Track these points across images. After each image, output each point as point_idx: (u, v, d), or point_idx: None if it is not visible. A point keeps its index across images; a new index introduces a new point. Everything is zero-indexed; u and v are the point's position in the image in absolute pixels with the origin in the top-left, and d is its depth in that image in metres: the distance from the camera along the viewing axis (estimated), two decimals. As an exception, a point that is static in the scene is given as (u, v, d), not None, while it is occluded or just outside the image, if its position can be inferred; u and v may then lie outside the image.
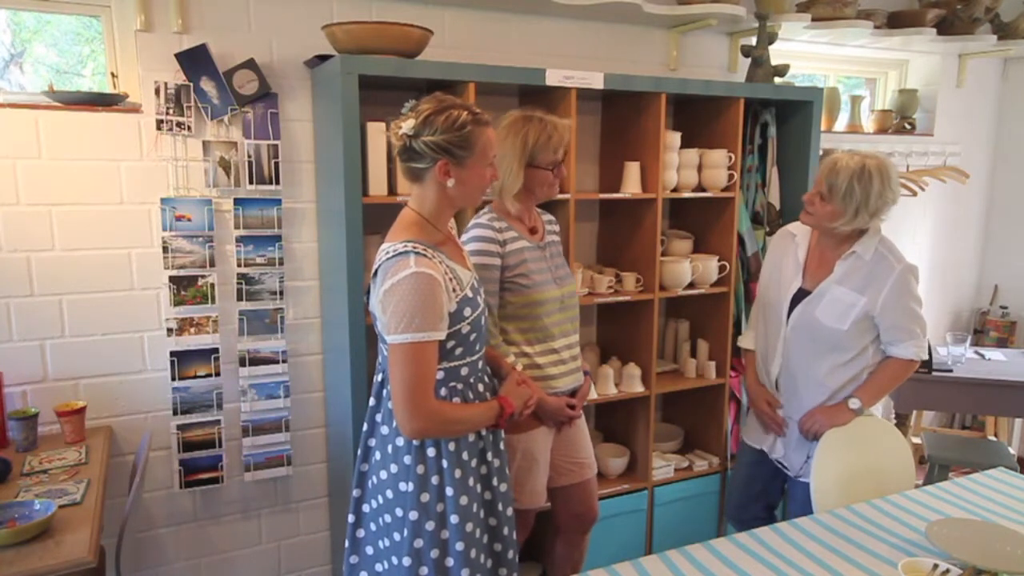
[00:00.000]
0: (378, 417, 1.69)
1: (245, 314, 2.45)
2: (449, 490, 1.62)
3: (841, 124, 3.73)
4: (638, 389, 2.78)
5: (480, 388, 1.72)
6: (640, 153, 2.73)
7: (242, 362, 2.46)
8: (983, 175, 4.22)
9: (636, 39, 3.01)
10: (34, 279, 2.23)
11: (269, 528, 2.67)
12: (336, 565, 2.73)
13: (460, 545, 1.61)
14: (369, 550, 1.72)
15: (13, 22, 2.31)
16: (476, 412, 1.65)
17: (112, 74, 2.32)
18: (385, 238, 1.63)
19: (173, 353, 2.36)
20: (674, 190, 2.80)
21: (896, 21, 3.39)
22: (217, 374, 2.44)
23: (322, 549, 2.77)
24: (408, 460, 1.61)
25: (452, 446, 1.62)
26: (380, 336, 1.61)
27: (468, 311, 1.61)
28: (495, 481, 1.74)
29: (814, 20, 3.05)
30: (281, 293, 2.49)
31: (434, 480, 1.61)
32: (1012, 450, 3.13)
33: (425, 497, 1.60)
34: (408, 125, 1.56)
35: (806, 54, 3.57)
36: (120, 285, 2.34)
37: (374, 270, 1.59)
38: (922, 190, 3.67)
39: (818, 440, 2.09)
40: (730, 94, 2.77)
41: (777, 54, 3.08)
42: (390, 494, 1.64)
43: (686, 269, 2.80)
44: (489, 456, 1.73)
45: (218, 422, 2.46)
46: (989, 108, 4.16)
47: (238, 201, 2.39)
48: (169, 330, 2.36)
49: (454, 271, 1.60)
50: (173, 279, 2.34)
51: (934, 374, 3.16)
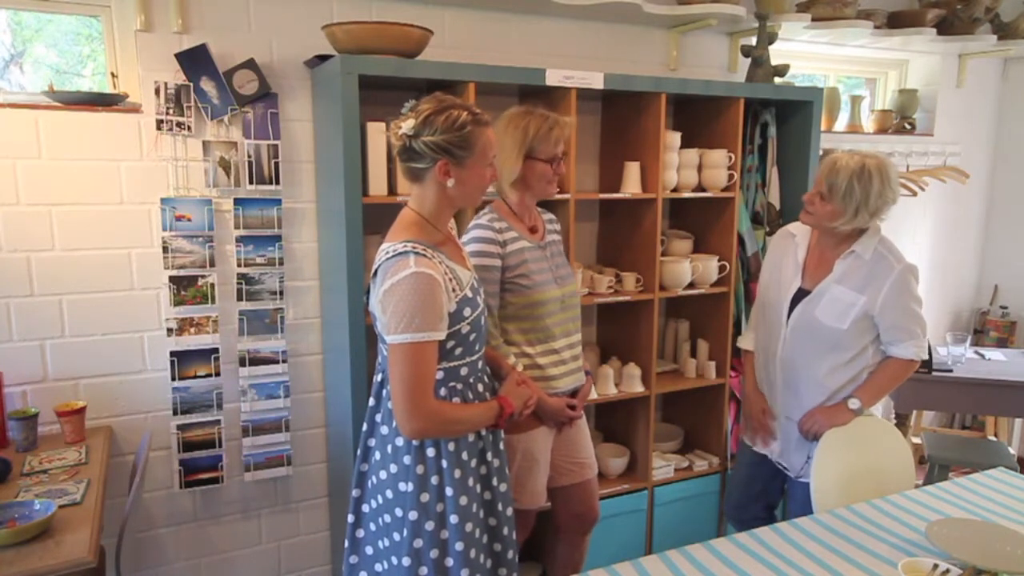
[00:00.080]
0: (378, 417, 1.69)
1: (245, 314, 2.45)
2: (449, 490, 1.62)
3: (841, 124, 3.73)
4: (638, 389, 2.78)
5: (480, 388, 1.72)
6: (640, 153, 2.73)
7: (242, 362, 2.46)
8: (983, 175, 4.22)
9: (636, 39, 3.01)
10: (34, 279, 2.23)
11: (269, 528, 2.67)
12: (336, 565, 2.73)
13: (460, 545, 1.61)
14: (369, 550, 1.72)
15: (13, 22, 2.31)
16: (476, 412, 1.65)
17: (112, 74, 2.32)
18: (385, 238, 1.63)
19: (173, 353, 2.37)
20: (674, 190, 2.80)
21: (896, 21, 3.39)
22: (217, 374, 2.44)
23: (322, 549, 2.77)
24: (408, 460, 1.61)
25: (452, 446, 1.62)
26: (380, 336, 1.61)
27: (468, 311, 1.61)
28: (495, 481, 1.74)
29: (814, 20, 3.05)
30: (281, 293, 2.49)
31: (434, 480, 1.61)
32: (1012, 450, 3.13)
33: (425, 497, 1.60)
34: (408, 125, 1.56)
35: (806, 54, 3.57)
36: (120, 285, 2.34)
37: (374, 270, 1.59)
38: (922, 190, 3.67)
39: (818, 440, 2.10)
40: (730, 94, 2.77)
41: (777, 54, 3.08)
42: (390, 494, 1.64)
43: (686, 269, 2.80)
44: (489, 456, 1.73)
45: (218, 422, 2.46)
46: (989, 108, 4.16)
47: (238, 201, 2.39)
48: (169, 330, 2.36)
49: (454, 271, 1.60)
50: (173, 279, 2.34)
51: (934, 374, 3.16)
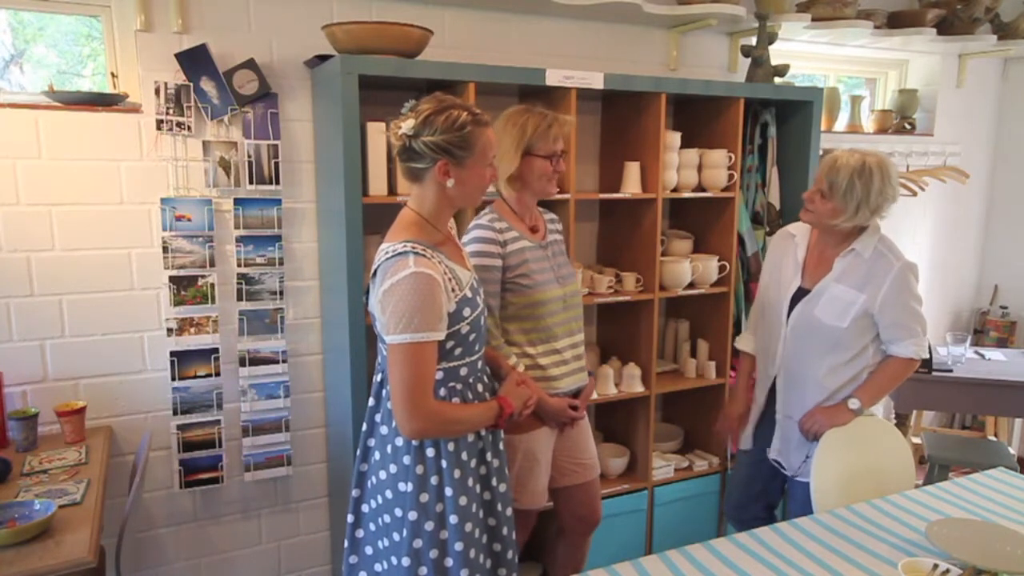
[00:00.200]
0: (377, 417, 1.69)
1: (245, 314, 2.45)
2: (448, 490, 1.62)
3: (841, 124, 3.73)
4: (638, 389, 2.78)
5: (479, 388, 1.72)
6: (640, 153, 2.73)
7: (242, 362, 2.46)
8: (983, 175, 4.22)
9: (636, 39, 3.01)
10: (34, 279, 2.23)
11: (269, 528, 2.67)
12: (336, 565, 2.73)
13: (459, 545, 1.61)
14: (368, 550, 1.72)
15: (14, 21, 2.31)
16: (475, 412, 1.65)
17: (112, 74, 2.32)
18: (385, 238, 1.63)
19: (173, 353, 2.37)
20: (674, 190, 2.80)
21: (896, 21, 3.39)
22: (217, 374, 2.44)
23: (322, 549, 2.77)
24: (407, 460, 1.61)
25: (451, 446, 1.62)
26: (379, 336, 1.61)
27: (467, 311, 1.61)
28: (494, 481, 1.74)
29: (814, 20, 3.05)
30: (281, 293, 2.49)
31: (433, 480, 1.61)
32: (1012, 450, 3.13)
33: (424, 497, 1.60)
34: (408, 125, 1.56)
35: (806, 54, 3.57)
36: (120, 285, 2.34)
37: (373, 270, 1.59)
38: (922, 190, 3.67)
39: (818, 440, 2.09)
40: (730, 94, 2.77)
41: (777, 54, 3.08)
42: (389, 494, 1.64)
43: (686, 269, 2.80)
44: (488, 456, 1.73)
45: (218, 422, 2.46)
46: (989, 108, 4.16)
47: (238, 201, 2.39)
48: (169, 330, 2.36)
49: (453, 271, 1.60)
50: (173, 279, 2.34)
51: (934, 374, 3.16)
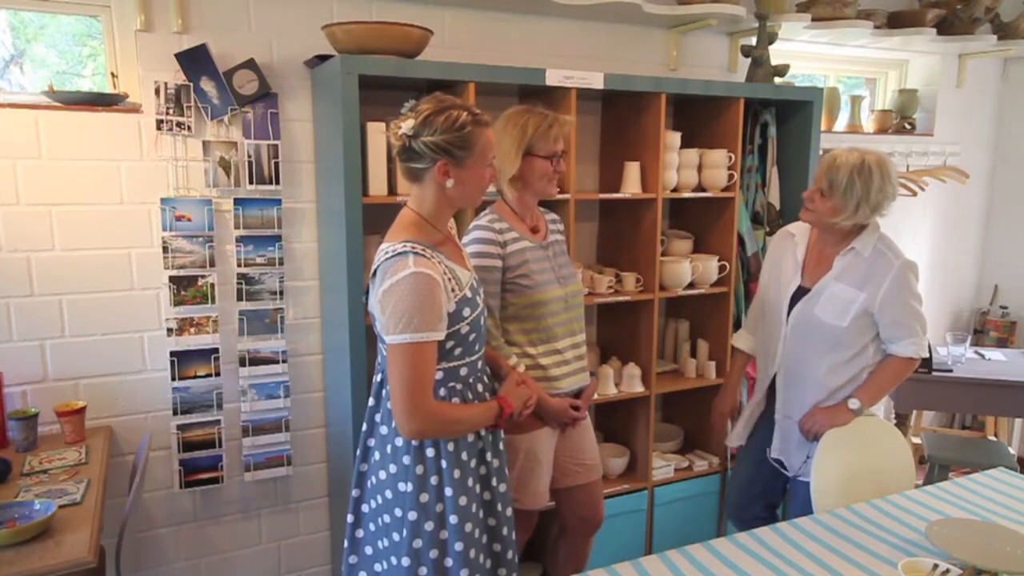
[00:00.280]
0: (377, 417, 1.69)
1: (245, 314, 2.45)
2: (448, 490, 1.62)
3: (841, 124, 3.73)
4: (638, 389, 2.78)
5: (479, 388, 1.72)
6: (640, 153, 2.73)
7: (242, 362, 2.46)
8: (983, 175, 4.21)
9: (636, 39, 3.01)
10: (34, 279, 2.23)
11: (269, 528, 2.67)
12: (336, 565, 2.73)
13: (459, 545, 1.61)
14: (368, 550, 1.72)
15: (15, 21, 2.31)
16: (475, 412, 1.65)
17: (112, 74, 2.32)
18: (384, 238, 1.63)
19: (173, 353, 2.37)
20: (674, 190, 2.80)
21: (896, 21, 3.39)
22: (217, 374, 2.44)
23: (322, 549, 2.77)
24: (407, 460, 1.61)
25: (451, 446, 1.62)
26: (379, 336, 1.61)
27: (467, 311, 1.61)
28: (494, 481, 1.74)
29: (814, 20, 3.05)
30: (281, 293, 2.49)
31: (433, 480, 1.61)
32: (1012, 450, 3.13)
33: (424, 497, 1.60)
34: (408, 125, 1.56)
35: (806, 54, 3.57)
36: (120, 285, 2.34)
37: (373, 270, 1.59)
38: (922, 190, 3.67)
39: (818, 440, 2.09)
40: (730, 94, 2.77)
41: (777, 54, 3.08)
42: (389, 494, 1.64)
43: (686, 269, 2.80)
44: (488, 456, 1.73)
45: (218, 422, 2.46)
46: (989, 108, 4.16)
47: (238, 201, 2.39)
48: (169, 330, 2.36)
49: (453, 271, 1.60)
50: (173, 279, 2.34)
51: (934, 374, 3.16)
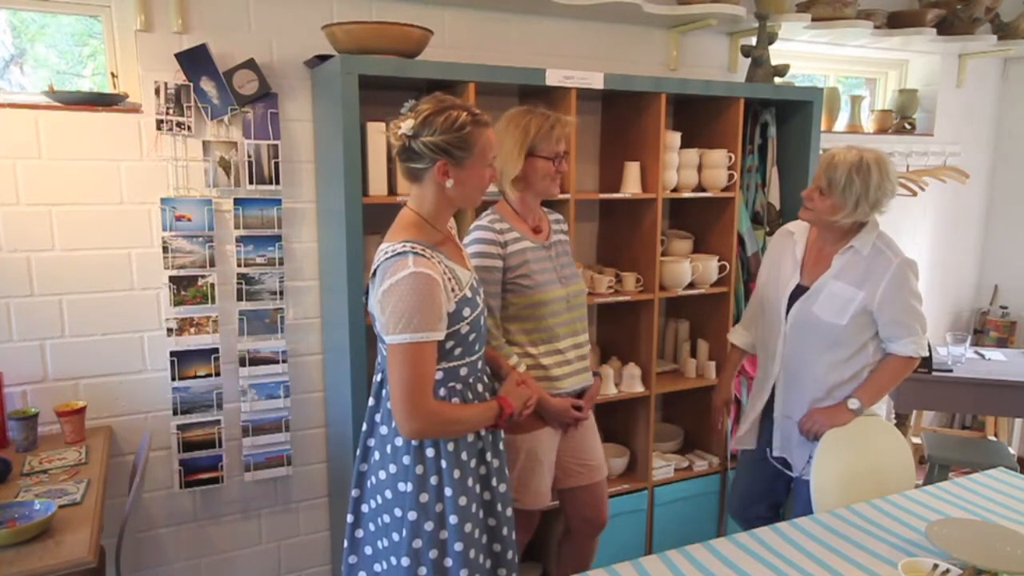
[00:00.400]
0: (377, 417, 1.69)
1: (245, 314, 2.45)
2: (448, 490, 1.62)
3: (841, 124, 3.73)
4: (638, 389, 2.78)
5: (479, 388, 1.72)
6: (640, 153, 2.73)
7: (242, 362, 2.46)
8: (983, 175, 4.21)
9: (636, 39, 3.01)
10: (34, 279, 2.23)
11: (269, 528, 2.67)
12: (336, 565, 2.73)
13: (459, 545, 1.61)
14: (368, 550, 1.72)
15: (15, 21, 2.31)
16: (475, 412, 1.65)
17: (112, 74, 2.32)
18: (384, 238, 1.63)
19: (173, 353, 2.37)
20: (674, 190, 2.80)
21: (896, 21, 3.39)
22: (217, 374, 2.44)
23: (322, 549, 2.77)
24: (407, 460, 1.61)
25: (451, 446, 1.62)
26: (379, 336, 1.61)
27: (467, 311, 1.61)
28: (494, 481, 1.74)
29: (814, 20, 3.05)
30: (281, 293, 2.49)
31: (433, 480, 1.61)
32: (1012, 450, 3.13)
33: (424, 497, 1.60)
34: (407, 125, 1.56)
35: (806, 54, 3.57)
36: (120, 285, 2.34)
37: (373, 270, 1.59)
38: (922, 190, 3.67)
39: (818, 440, 2.09)
40: (730, 94, 2.77)
41: (777, 54, 3.08)
42: (389, 494, 1.64)
43: (686, 269, 2.80)
44: (488, 456, 1.73)
45: (218, 422, 2.46)
46: (989, 108, 4.16)
47: (238, 201, 2.39)
48: (169, 330, 2.36)
49: (453, 271, 1.60)
50: (173, 279, 2.34)
51: (934, 374, 3.16)
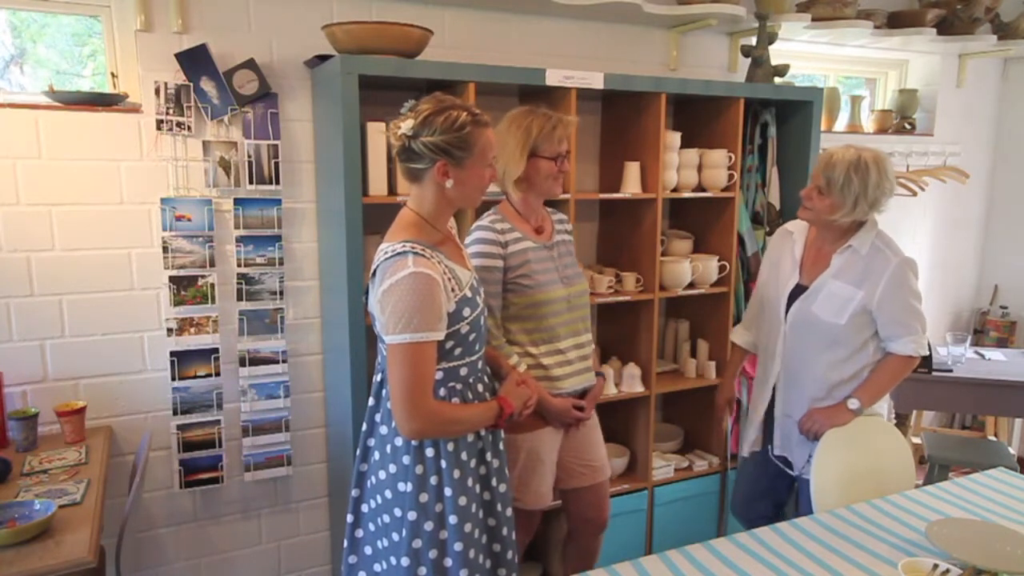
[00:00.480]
0: (377, 417, 1.69)
1: (245, 314, 2.45)
2: (448, 490, 1.62)
3: (841, 124, 3.73)
4: (638, 389, 2.78)
5: (479, 388, 1.72)
6: (640, 153, 2.73)
7: (242, 362, 2.46)
8: (983, 175, 4.21)
9: (636, 39, 3.01)
10: (34, 279, 2.23)
11: (269, 528, 2.67)
12: (336, 565, 2.73)
13: (459, 545, 1.61)
14: (368, 550, 1.72)
15: (15, 20, 2.31)
16: (475, 412, 1.65)
17: (112, 74, 2.32)
18: (384, 238, 1.63)
19: (173, 353, 2.37)
20: (674, 190, 2.80)
21: (896, 21, 3.38)
22: (217, 374, 2.44)
23: (322, 549, 2.77)
24: (407, 460, 1.61)
25: (451, 446, 1.62)
26: (379, 336, 1.61)
27: (467, 311, 1.61)
28: (494, 482, 1.74)
29: (814, 20, 3.05)
30: (281, 293, 2.49)
31: (433, 480, 1.61)
32: (1012, 450, 3.13)
33: (424, 497, 1.60)
34: (407, 125, 1.56)
35: (806, 54, 3.57)
36: (120, 285, 2.34)
37: (372, 270, 1.59)
38: (922, 190, 3.67)
39: (818, 440, 2.09)
40: (730, 94, 2.77)
41: (777, 54, 3.08)
42: (389, 494, 1.64)
43: (686, 269, 2.80)
44: (488, 456, 1.73)
45: (218, 422, 2.46)
46: (989, 108, 4.16)
47: (238, 201, 2.39)
48: (169, 330, 2.36)
49: (453, 271, 1.60)
50: (173, 279, 2.34)
51: (934, 374, 3.16)
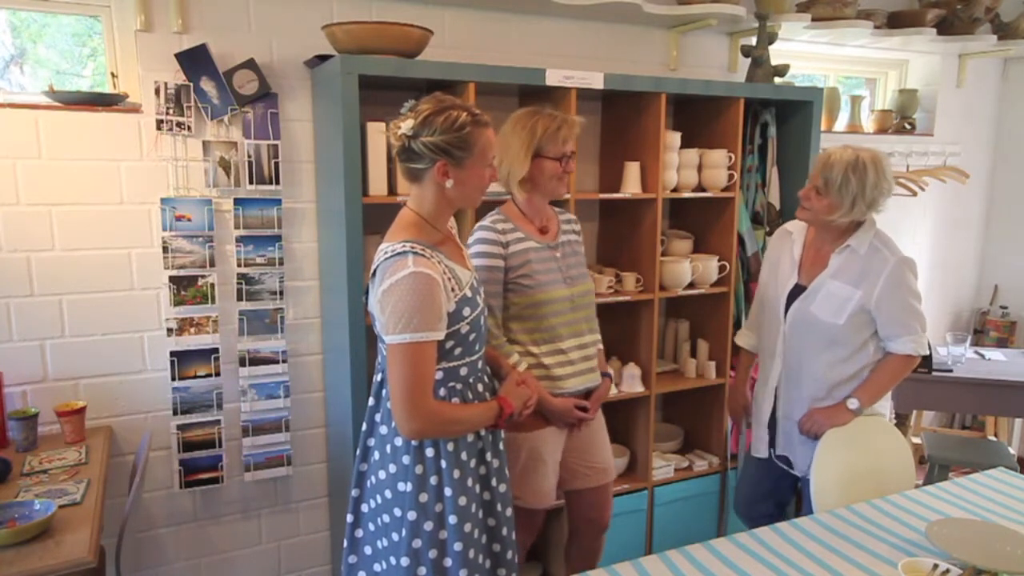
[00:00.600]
0: (377, 417, 1.69)
1: (245, 314, 2.45)
2: (447, 490, 1.62)
3: (841, 124, 3.73)
4: (638, 389, 2.78)
5: (479, 388, 1.72)
6: (640, 153, 2.73)
7: (242, 362, 2.46)
8: (983, 175, 4.21)
9: (636, 39, 3.01)
10: (34, 279, 2.23)
11: (269, 528, 2.67)
12: (336, 565, 2.73)
13: (458, 545, 1.61)
14: (367, 550, 1.72)
15: (15, 20, 2.31)
16: (475, 412, 1.65)
17: (112, 74, 2.32)
18: (384, 238, 1.63)
19: (173, 353, 2.37)
20: (674, 190, 2.80)
21: (896, 21, 3.39)
22: (217, 374, 2.44)
23: (322, 549, 2.77)
24: (407, 460, 1.61)
25: (451, 446, 1.62)
26: (379, 336, 1.61)
27: (467, 311, 1.61)
28: (494, 481, 1.74)
29: (814, 20, 3.05)
30: (281, 293, 2.49)
31: (432, 480, 1.61)
32: (1012, 450, 3.13)
33: (423, 497, 1.60)
34: (407, 125, 1.56)
35: (806, 54, 3.57)
36: (120, 285, 2.34)
37: (372, 270, 1.59)
38: (922, 190, 3.67)
39: (818, 440, 2.09)
40: (730, 94, 2.77)
41: (777, 54, 3.08)
42: (389, 494, 1.64)
43: (686, 269, 2.80)
44: (488, 456, 1.73)
45: (218, 422, 2.46)
46: (989, 108, 4.16)
47: (238, 201, 2.39)
48: (169, 330, 2.36)
49: (453, 271, 1.60)
50: (173, 279, 2.34)
51: (934, 374, 3.16)
